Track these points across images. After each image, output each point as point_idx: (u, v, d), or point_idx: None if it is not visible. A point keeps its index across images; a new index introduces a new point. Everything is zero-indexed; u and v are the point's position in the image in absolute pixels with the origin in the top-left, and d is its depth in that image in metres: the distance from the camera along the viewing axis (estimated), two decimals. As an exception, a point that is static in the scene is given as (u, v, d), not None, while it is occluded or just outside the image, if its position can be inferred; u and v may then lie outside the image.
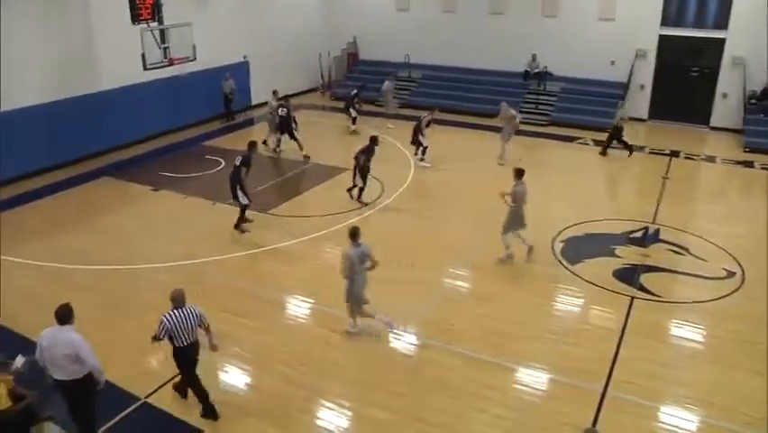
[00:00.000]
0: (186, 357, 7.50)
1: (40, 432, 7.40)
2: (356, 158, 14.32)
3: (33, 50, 15.88)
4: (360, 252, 9.05)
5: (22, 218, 13.82)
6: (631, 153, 18.02)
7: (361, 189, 14.46)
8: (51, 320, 6.87)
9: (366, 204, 14.31)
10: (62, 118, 16.63)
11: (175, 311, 7.37)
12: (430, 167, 16.91)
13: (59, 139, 16.65)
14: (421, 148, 17.08)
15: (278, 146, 18.51)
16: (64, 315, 6.74)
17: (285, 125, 18.01)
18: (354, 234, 9.09)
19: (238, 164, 12.71)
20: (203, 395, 7.71)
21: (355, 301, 9.26)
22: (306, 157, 17.62)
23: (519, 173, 11.43)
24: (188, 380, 7.75)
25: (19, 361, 7.27)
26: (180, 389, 8.02)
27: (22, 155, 15.92)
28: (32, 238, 12.75)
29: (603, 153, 18.36)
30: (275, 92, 19.02)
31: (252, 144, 13.28)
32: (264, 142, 18.52)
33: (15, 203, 14.59)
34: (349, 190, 14.62)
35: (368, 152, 14.31)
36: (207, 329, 7.64)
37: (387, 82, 21.79)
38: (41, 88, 16.23)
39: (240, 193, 12.67)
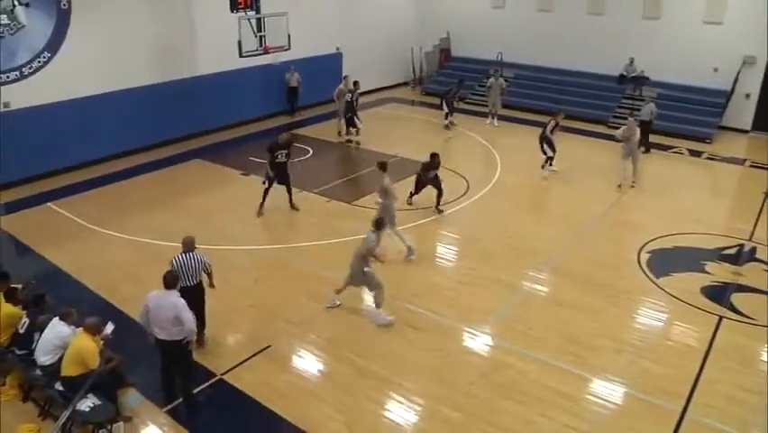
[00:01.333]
0: (187, 297, 8.00)
1: (123, 395, 7.91)
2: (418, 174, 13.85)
3: (141, 34, 16.82)
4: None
5: (125, 193, 14.65)
6: (647, 151, 17.74)
7: (413, 194, 14.07)
8: (142, 293, 7.40)
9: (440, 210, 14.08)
10: (162, 100, 17.51)
11: (182, 255, 8.43)
12: (558, 171, 16.37)
13: (157, 120, 17.53)
14: (545, 157, 16.29)
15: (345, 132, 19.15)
16: (172, 280, 7.50)
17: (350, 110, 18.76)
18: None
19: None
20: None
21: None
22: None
23: (382, 166, 11.40)
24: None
25: (109, 328, 7.74)
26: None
27: (128, 133, 16.95)
28: (130, 213, 13.50)
29: (647, 151, 17.95)
30: (345, 78, 19.49)
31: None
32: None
33: (121, 177, 15.52)
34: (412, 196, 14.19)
35: (428, 168, 13.59)
36: (210, 274, 8.74)
37: (492, 79, 21.43)
38: (146, 71, 17.16)
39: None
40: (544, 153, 16.26)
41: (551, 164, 16.36)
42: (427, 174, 13.55)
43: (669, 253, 12.19)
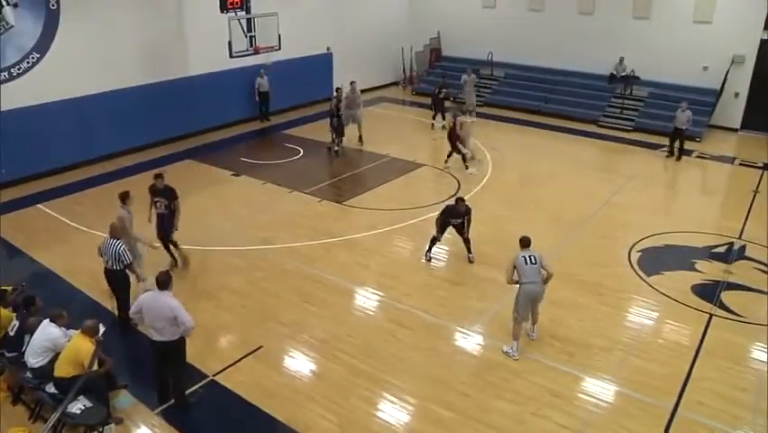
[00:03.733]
0: (107, 277, 9.16)
1: (115, 397, 7.90)
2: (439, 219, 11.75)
3: (131, 35, 16.76)
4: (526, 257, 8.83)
5: (116, 194, 14.46)
6: (679, 159, 17.81)
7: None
8: (132, 295, 7.36)
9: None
10: (152, 101, 17.44)
11: (108, 239, 9.02)
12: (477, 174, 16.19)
13: (147, 120, 17.44)
14: (460, 156, 16.19)
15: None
16: (164, 281, 7.41)
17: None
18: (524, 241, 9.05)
19: None
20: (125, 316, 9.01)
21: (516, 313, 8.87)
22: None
23: (122, 197, 9.99)
24: (119, 301, 9.27)
25: (100, 329, 7.69)
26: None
27: (118, 134, 16.87)
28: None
29: (670, 155, 18.05)
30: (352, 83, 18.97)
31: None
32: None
33: (112, 178, 15.46)
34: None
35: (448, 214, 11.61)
36: (127, 267, 9.04)
37: (464, 76, 21.54)
38: (136, 72, 17.09)
39: None
40: (458, 152, 16.21)
41: (466, 166, 16.33)
42: (451, 219, 11.58)
43: (660, 251, 12.24)
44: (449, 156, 16.47)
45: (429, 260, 11.72)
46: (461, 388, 8.25)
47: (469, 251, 11.63)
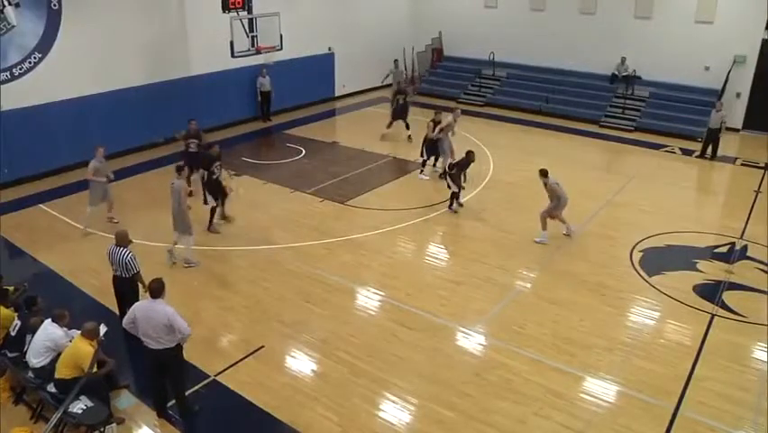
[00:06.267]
0: (115, 285, 9.09)
1: (116, 397, 7.91)
2: (450, 168, 13.90)
3: (132, 34, 16.79)
4: None
5: (117, 194, 14.45)
6: (713, 159, 17.92)
7: (454, 195, 13.92)
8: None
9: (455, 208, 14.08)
10: (154, 100, 17.44)
11: (114, 246, 8.90)
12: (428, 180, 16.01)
13: (149, 120, 17.43)
14: (422, 160, 16.20)
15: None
16: (157, 289, 7.27)
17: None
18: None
19: None
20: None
21: None
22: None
23: (178, 169, 11.38)
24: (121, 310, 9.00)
25: (102, 330, 7.69)
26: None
27: (120, 134, 16.80)
28: (122, 214, 13.36)
29: (702, 156, 18.18)
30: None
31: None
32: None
33: (113, 178, 15.39)
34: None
35: (462, 165, 13.89)
36: (134, 276, 8.85)
37: (392, 66, 21.45)
38: (138, 71, 17.12)
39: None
40: (422, 155, 16.09)
41: (434, 165, 16.27)
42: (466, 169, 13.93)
43: (661, 251, 12.24)
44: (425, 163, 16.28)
45: (455, 211, 13.76)
46: (462, 388, 8.25)
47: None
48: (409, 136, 18.81)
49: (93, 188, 12.59)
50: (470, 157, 13.84)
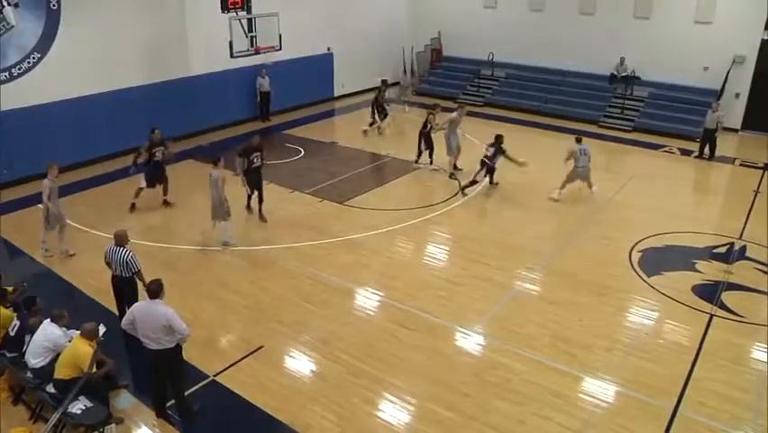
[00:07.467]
0: (114, 284, 9.10)
1: (115, 397, 7.90)
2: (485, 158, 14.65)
3: (132, 34, 16.78)
4: None
5: (117, 194, 14.57)
6: (711, 159, 17.96)
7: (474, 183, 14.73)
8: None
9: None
10: (153, 100, 17.41)
11: (113, 246, 8.90)
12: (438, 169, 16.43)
13: (149, 120, 17.33)
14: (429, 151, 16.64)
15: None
16: (155, 290, 7.28)
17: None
18: None
19: None
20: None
21: None
22: None
23: (215, 161, 11.92)
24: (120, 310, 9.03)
25: (101, 330, 7.69)
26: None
27: (119, 134, 16.78)
28: (122, 214, 13.42)
29: (700, 156, 18.20)
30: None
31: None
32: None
33: (113, 178, 15.45)
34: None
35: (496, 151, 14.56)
36: (136, 274, 8.87)
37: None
38: (137, 71, 17.12)
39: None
40: (419, 149, 16.50)
41: (430, 162, 16.57)
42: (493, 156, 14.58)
43: (660, 251, 12.24)
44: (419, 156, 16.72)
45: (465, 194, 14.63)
46: (462, 388, 8.25)
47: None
48: (379, 127, 20.01)
49: (50, 210, 11.27)
50: (499, 140, 14.55)
